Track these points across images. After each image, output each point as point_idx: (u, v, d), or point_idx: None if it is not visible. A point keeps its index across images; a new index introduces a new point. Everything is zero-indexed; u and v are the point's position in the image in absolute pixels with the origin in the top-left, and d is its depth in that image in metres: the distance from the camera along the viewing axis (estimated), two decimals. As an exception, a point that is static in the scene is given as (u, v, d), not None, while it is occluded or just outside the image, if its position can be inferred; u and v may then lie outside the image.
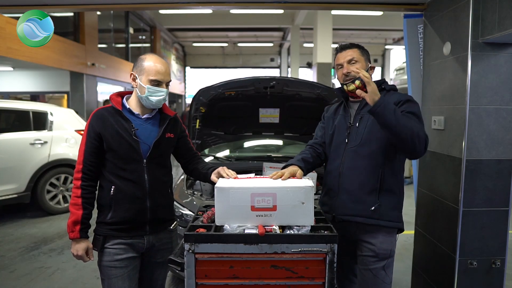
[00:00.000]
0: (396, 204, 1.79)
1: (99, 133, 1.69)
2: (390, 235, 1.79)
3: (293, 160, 1.87)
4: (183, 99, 22.12)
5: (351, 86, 1.77)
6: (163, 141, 1.78)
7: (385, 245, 1.77)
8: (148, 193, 1.73)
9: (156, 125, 1.80)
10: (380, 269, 1.77)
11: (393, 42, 18.74)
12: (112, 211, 1.70)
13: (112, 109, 1.73)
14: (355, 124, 1.82)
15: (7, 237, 4.33)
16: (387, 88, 1.84)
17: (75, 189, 1.69)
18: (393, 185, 1.78)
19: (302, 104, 3.38)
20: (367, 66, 1.83)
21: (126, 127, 1.70)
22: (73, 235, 1.67)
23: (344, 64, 1.81)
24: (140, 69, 1.72)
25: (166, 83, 1.74)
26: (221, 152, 3.79)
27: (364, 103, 1.82)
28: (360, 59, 1.81)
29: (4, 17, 6.91)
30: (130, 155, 1.70)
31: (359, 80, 1.75)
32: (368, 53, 1.88)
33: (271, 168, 2.95)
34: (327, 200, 1.89)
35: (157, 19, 15.56)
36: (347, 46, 1.85)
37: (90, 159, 1.69)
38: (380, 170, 1.75)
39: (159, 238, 1.82)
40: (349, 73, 1.79)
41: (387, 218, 1.76)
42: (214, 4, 2.74)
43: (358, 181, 1.77)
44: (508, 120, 2.16)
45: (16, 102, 5.58)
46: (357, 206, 1.77)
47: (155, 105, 1.74)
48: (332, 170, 1.87)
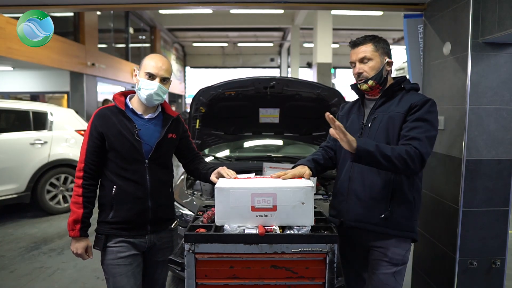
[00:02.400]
0: (410, 213, 1.67)
1: (101, 133, 1.69)
2: (403, 243, 1.69)
3: (303, 160, 1.82)
4: (183, 99, 22.12)
5: (364, 86, 1.70)
6: (165, 142, 1.78)
7: (398, 251, 1.67)
8: (150, 193, 1.74)
9: (158, 125, 1.79)
10: (390, 275, 1.68)
11: (393, 42, 18.74)
12: (114, 210, 1.70)
13: (115, 108, 1.73)
14: (367, 125, 1.71)
15: (7, 237, 4.33)
16: (407, 88, 1.71)
17: (76, 188, 1.69)
18: (407, 192, 1.65)
19: (302, 104, 3.38)
20: (382, 62, 1.68)
21: (129, 127, 1.70)
22: (73, 233, 1.68)
23: (357, 62, 1.70)
24: (141, 65, 1.75)
25: (161, 78, 1.71)
26: (221, 152, 3.79)
27: (380, 102, 1.71)
28: (373, 56, 1.67)
29: (4, 17, 6.91)
30: (132, 155, 1.70)
31: (372, 80, 1.67)
32: (387, 44, 1.72)
33: (271, 168, 2.95)
34: (336, 204, 1.82)
35: (157, 19, 15.57)
36: (360, 42, 1.71)
37: (92, 158, 1.70)
38: (393, 176, 1.63)
39: (160, 237, 1.82)
40: (361, 73, 1.69)
41: (398, 228, 1.65)
42: (214, 4, 2.74)
43: (368, 187, 1.67)
44: (508, 120, 2.16)
45: (16, 102, 5.58)
46: (367, 213, 1.67)
47: (147, 100, 1.71)
48: (342, 173, 1.78)
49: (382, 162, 1.49)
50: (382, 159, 1.48)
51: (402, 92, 1.71)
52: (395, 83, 1.73)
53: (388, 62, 1.71)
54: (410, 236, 1.69)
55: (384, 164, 1.50)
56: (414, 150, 1.51)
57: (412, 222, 1.69)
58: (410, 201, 1.66)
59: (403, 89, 1.72)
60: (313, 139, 3.71)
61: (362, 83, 1.70)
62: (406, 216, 1.66)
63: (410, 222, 1.68)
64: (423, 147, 1.53)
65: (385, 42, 1.73)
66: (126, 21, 13.54)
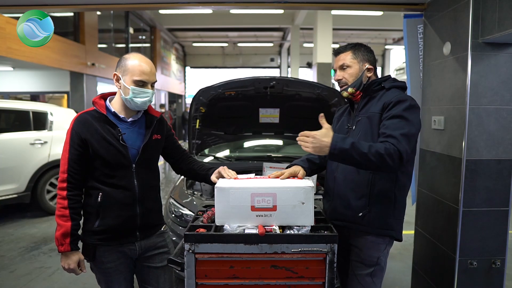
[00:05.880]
0: (390, 210, 1.67)
1: (84, 139, 1.60)
2: (379, 243, 1.69)
3: (297, 160, 1.85)
4: (183, 99, 22.11)
5: (345, 93, 1.76)
6: (151, 144, 1.71)
7: (372, 252, 1.69)
8: (138, 199, 1.67)
9: (142, 127, 1.72)
10: (366, 275, 1.69)
11: (393, 42, 18.75)
12: (100, 218, 1.63)
13: (96, 113, 1.64)
14: (352, 127, 1.76)
15: (7, 237, 4.33)
16: (387, 87, 1.72)
17: (60, 200, 1.59)
18: (389, 191, 1.66)
19: (302, 104, 3.38)
20: (361, 69, 1.74)
21: (113, 132, 1.62)
22: (63, 248, 1.58)
23: (337, 70, 1.79)
24: (124, 69, 1.61)
25: (151, 83, 1.65)
26: (221, 152, 3.78)
27: (362, 104, 1.75)
28: (352, 63, 1.74)
29: (4, 17, 6.91)
30: (118, 160, 1.62)
31: (351, 88, 1.73)
32: (368, 52, 1.78)
33: (271, 168, 2.95)
34: (325, 203, 1.88)
35: (157, 19, 15.56)
36: (340, 50, 1.79)
37: (75, 167, 1.60)
38: (371, 175, 1.65)
39: (152, 242, 1.77)
40: (340, 79, 1.77)
41: (377, 226, 1.66)
42: (214, 4, 2.74)
43: (349, 186, 1.70)
44: (508, 120, 2.16)
45: (16, 102, 5.59)
46: (346, 212, 1.71)
47: (140, 107, 1.65)
48: (329, 173, 1.84)
49: (357, 160, 1.48)
50: (358, 157, 1.47)
51: (382, 91, 1.73)
52: (374, 82, 1.74)
53: (368, 69, 1.75)
54: (388, 234, 1.68)
55: (360, 162, 1.49)
56: (392, 147, 1.50)
57: (391, 220, 1.68)
58: (390, 199, 1.66)
59: (382, 89, 1.73)
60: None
61: (343, 91, 1.77)
62: (384, 214, 1.67)
63: (389, 220, 1.68)
64: (400, 145, 1.51)
65: (366, 49, 1.78)
66: (126, 21, 13.53)
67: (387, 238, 1.70)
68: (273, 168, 2.92)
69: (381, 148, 1.49)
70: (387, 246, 1.72)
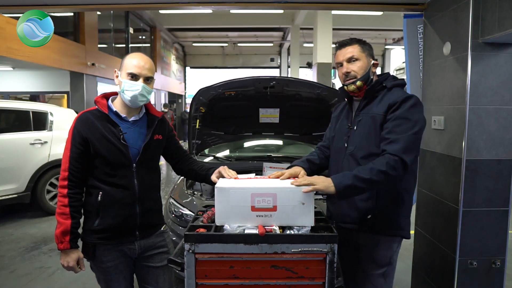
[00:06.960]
0: (398, 210, 1.67)
1: (85, 138, 1.61)
2: (390, 243, 1.70)
3: (297, 161, 1.85)
4: (183, 99, 22.11)
5: (352, 86, 1.70)
6: (152, 144, 1.72)
7: (384, 252, 1.69)
8: (138, 198, 1.68)
9: (144, 127, 1.74)
10: (379, 276, 1.69)
11: (393, 42, 18.73)
12: (100, 217, 1.64)
13: (98, 112, 1.66)
14: (353, 127, 1.73)
15: (7, 237, 4.33)
16: (389, 86, 1.70)
17: (61, 198, 1.60)
18: (395, 191, 1.65)
19: (302, 104, 3.38)
20: (369, 63, 1.71)
21: (114, 131, 1.63)
22: (62, 246, 1.60)
23: (344, 62, 1.72)
24: (122, 65, 1.67)
25: (144, 78, 1.64)
26: (221, 152, 3.79)
27: (363, 103, 1.72)
28: (361, 56, 1.70)
29: (4, 17, 6.91)
30: (119, 160, 1.63)
31: (360, 81, 1.68)
32: (371, 48, 1.77)
33: (271, 168, 2.95)
34: (329, 205, 1.86)
35: (157, 19, 15.56)
36: (346, 43, 1.74)
37: (76, 165, 1.62)
38: None
39: (152, 242, 1.77)
40: (349, 72, 1.70)
41: (386, 227, 1.66)
42: (214, 4, 2.74)
43: None
44: (508, 120, 2.16)
45: (16, 102, 5.59)
46: (354, 214, 1.69)
47: (133, 102, 1.65)
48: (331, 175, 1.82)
49: (364, 188, 1.50)
50: (363, 185, 1.49)
51: (384, 91, 1.70)
52: (376, 82, 1.71)
53: (374, 64, 1.73)
54: (398, 234, 1.69)
55: (368, 188, 1.52)
56: (393, 158, 1.50)
57: (400, 219, 1.68)
58: (397, 198, 1.66)
59: (384, 88, 1.71)
60: (313, 139, 3.71)
61: (350, 84, 1.70)
62: (392, 214, 1.67)
63: (397, 220, 1.68)
64: (403, 151, 1.51)
65: (369, 46, 1.77)
66: (126, 21, 13.52)
67: (398, 238, 1.71)
68: (273, 168, 2.92)
69: (382, 165, 1.49)
70: (398, 245, 1.73)
